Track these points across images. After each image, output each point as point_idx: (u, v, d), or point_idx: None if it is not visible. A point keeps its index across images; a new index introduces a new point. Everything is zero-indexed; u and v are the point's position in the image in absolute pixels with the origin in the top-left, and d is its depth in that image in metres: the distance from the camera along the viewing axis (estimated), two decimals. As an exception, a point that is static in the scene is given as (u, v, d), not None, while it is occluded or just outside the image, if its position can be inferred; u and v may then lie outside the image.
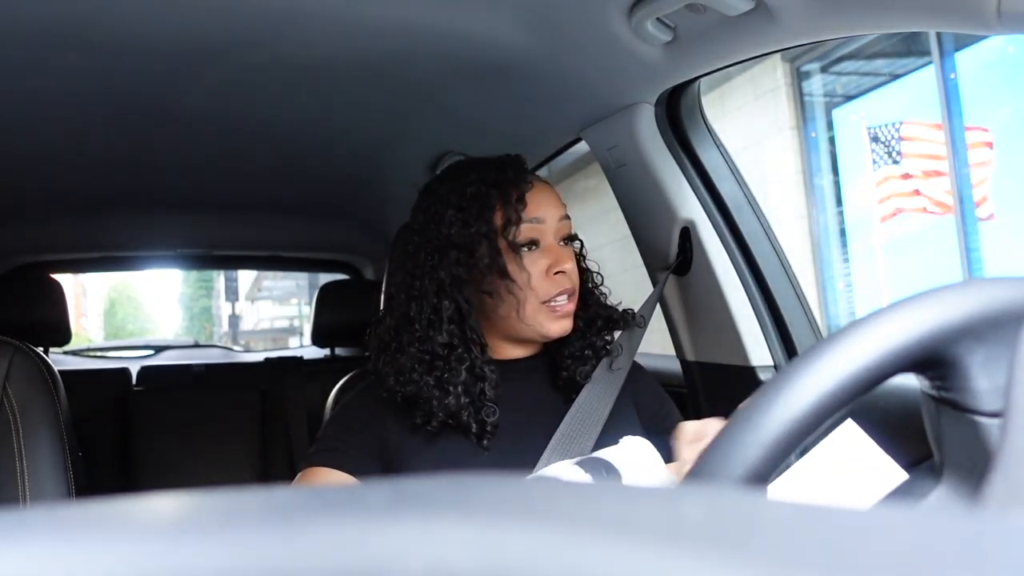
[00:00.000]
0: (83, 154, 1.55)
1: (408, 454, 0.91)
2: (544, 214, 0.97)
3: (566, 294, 0.96)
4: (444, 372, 0.89)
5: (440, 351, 0.90)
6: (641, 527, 0.17)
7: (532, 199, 0.96)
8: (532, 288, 0.94)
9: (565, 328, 0.97)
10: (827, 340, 0.37)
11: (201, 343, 5.08)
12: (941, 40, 4.14)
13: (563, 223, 0.99)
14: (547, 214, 0.97)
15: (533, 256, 0.96)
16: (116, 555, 0.16)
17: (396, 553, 0.16)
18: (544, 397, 1.00)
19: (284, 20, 1.01)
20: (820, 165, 5.13)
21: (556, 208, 0.98)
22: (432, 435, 0.90)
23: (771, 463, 0.35)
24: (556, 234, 0.98)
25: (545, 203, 0.98)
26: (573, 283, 0.97)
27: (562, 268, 0.96)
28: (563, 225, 0.99)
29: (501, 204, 0.94)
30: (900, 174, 4.57)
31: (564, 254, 0.97)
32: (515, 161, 1.00)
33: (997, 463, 0.33)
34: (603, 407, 0.95)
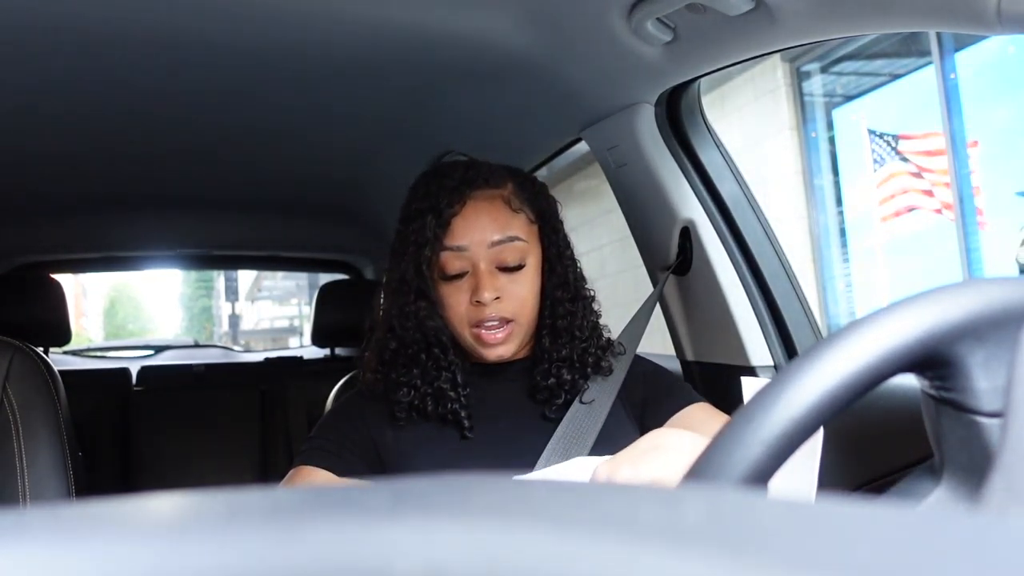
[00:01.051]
0: (83, 154, 1.55)
1: (392, 448, 0.93)
2: (467, 241, 0.91)
3: (494, 324, 0.91)
4: (403, 367, 0.93)
5: (395, 352, 0.94)
6: (641, 527, 0.17)
7: (457, 224, 0.91)
8: (455, 315, 0.93)
9: (501, 354, 0.93)
10: (827, 340, 0.37)
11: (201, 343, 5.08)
12: (941, 40, 4.14)
13: (496, 250, 0.91)
14: (471, 240, 0.91)
15: (458, 284, 0.92)
16: (116, 555, 0.16)
17: (396, 553, 0.16)
18: (519, 405, 0.96)
19: (284, 21, 1.01)
20: (820, 165, 5.13)
21: (485, 232, 0.91)
22: (413, 428, 0.92)
23: (771, 463, 0.35)
24: (488, 261, 0.91)
25: (472, 227, 0.91)
26: (502, 313, 0.91)
27: (479, 298, 0.90)
28: (495, 252, 0.91)
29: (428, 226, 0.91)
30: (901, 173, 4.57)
31: (486, 283, 0.90)
32: (465, 172, 0.94)
33: (997, 463, 0.33)
34: (595, 420, 0.92)
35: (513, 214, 0.94)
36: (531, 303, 0.94)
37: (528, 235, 0.95)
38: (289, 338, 17.48)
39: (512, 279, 0.93)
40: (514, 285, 0.92)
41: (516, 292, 0.92)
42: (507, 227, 0.92)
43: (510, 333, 0.92)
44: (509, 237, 0.92)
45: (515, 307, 0.92)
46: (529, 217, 0.96)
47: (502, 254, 0.92)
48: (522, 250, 0.93)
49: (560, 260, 0.97)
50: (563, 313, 0.95)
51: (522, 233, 0.93)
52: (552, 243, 0.98)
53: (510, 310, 0.92)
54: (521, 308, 0.93)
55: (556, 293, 0.96)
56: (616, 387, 0.96)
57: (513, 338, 0.93)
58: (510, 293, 0.92)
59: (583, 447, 0.90)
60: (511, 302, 0.92)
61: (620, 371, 0.99)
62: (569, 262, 0.98)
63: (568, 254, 0.99)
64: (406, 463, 0.91)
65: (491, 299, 0.90)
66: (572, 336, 0.95)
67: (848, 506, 0.19)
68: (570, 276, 0.97)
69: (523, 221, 0.94)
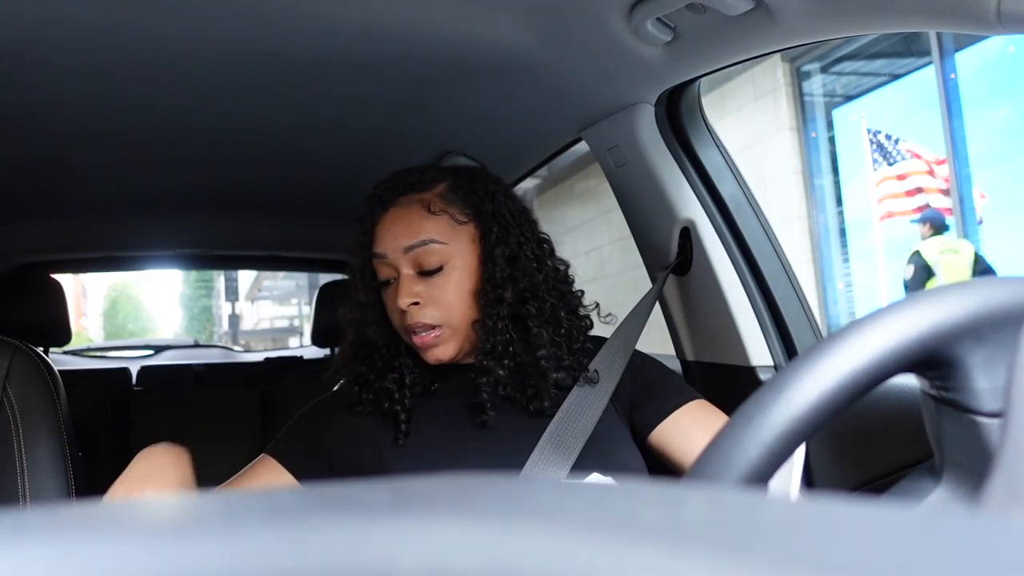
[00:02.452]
0: (83, 154, 1.55)
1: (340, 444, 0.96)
2: (384, 248, 0.92)
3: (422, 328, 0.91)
4: (359, 366, 0.97)
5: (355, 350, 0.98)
6: (641, 527, 0.17)
7: (379, 232, 0.93)
8: (393, 321, 0.95)
9: (438, 357, 0.93)
10: (827, 340, 0.37)
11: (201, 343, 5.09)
12: (941, 40, 4.14)
13: (411, 255, 0.91)
14: (387, 247, 0.92)
15: (390, 291, 0.94)
16: (116, 555, 0.16)
17: (396, 553, 0.16)
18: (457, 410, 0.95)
19: (283, 21, 1.01)
20: (820, 165, 5.13)
21: (398, 239, 0.91)
22: (368, 421, 0.95)
23: (771, 463, 0.35)
24: (409, 266, 0.92)
25: (389, 234, 0.92)
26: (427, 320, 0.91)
27: (398, 304, 0.91)
28: (412, 257, 0.91)
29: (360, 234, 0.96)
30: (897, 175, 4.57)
31: (404, 289, 0.90)
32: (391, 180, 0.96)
33: (997, 463, 0.33)
34: (588, 421, 0.91)
35: (430, 216, 0.92)
36: (459, 306, 0.92)
37: (451, 237, 0.92)
38: (289, 338, 17.48)
39: (433, 283, 0.92)
40: (435, 289, 0.92)
41: (437, 296, 0.91)
42: (420, 231, 0.91)
43: (438, 336, 0.92)
44: (422, 241, 0.91)
45: (439, 312, 0.91)
46: (456, 217, 0.93)
47: (419, 258, 0.91)
48: (439, 253, 0.91)
49: (492, 260, 0.93)
50: (484, 317, 0.92)
51: (440, 235, 0.92)
52: (487, 242, 0.93)
53: (433, 316, 0.91)
54: (447, 312, 0.92)
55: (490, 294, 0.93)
56: (611, 388, 0.94)
57: (445, 341, 0.93)
58: (430, 298, 0.91)
59: (575, 447, 0.89)
60: (433, 307, 0.91)
61: (614, 372, 0.97)
62: (535, 256, 0.94)
63: (531, 249, 0.94)
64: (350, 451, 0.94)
65: (407, 304, 0.91)
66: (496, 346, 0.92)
67: (848, 506, 0.19)
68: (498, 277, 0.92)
69: (444, 223, 0.92)
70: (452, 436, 0.93)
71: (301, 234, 2.44)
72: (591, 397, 0.93)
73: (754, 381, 1.16)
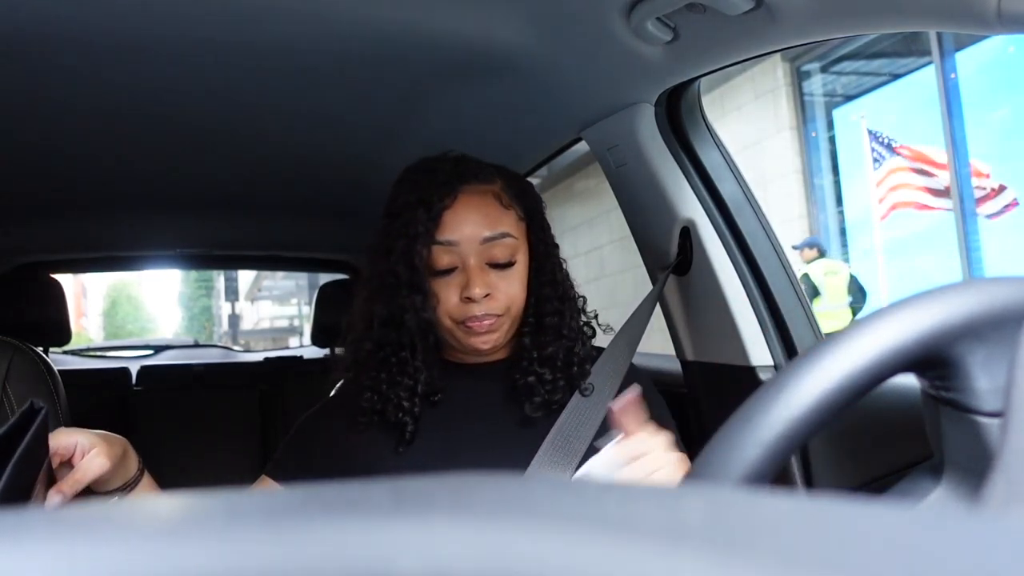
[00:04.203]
0: (83, 154, 1.55)
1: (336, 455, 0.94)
2: (459, 236, 0.90)
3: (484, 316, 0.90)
4: (371, 371, 0.93)
5: (369, 353, 0.93)
6: (641, 527, 0.17)
7: (449, 218, 0.89)
8: (445, 311, 0.92)
9: (489, 342, 0.92)
10: (827, 340, 0.37)
11: (201, 343, 5.09)
12: (941, 40, 4.14)
13: (487, 246, 0.90)
14: (463, 235, 0.90)
15: (447, 280, 0.91)
16: (116, 555, 0.16)
17: (396, 553, 0.16)
18: (494, 404, 0.96)
19: (283, 21, 1.01)
20: (820, 165, 5.13)
21: (477, 228, 0.90)
22: (369, 433, 0.93)
23: (771, 463, 0.35)
24: (479, 256, 0.91)
25: (463, 222, 0.90)
26: (492, 311, 0.90)
27: (469, 294, 0.89)
28: (486, 248, 0.90)
29: (419, 219, 0.89)
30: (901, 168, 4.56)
31: (477, 279, 0.89)
32: (455, 167, 0.93)
33: (997, 463, 0.33)
34: (590, 426, 0.91)
35: (504, 210, 0.93)
36: (520, 300, 0.94)
37: (518, 232, 0.94)
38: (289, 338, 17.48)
39: (502, 276, 0.92)
40: (504, 282, 0.92)
41: (506, 289, 0.92)
42: (498, 223, 0.91)
43: (499, 324, 0.92)
44: (501, 233, 0.91)
45: (504, 304, 0.92)
46: (518, 214, 0.95)
47: (493, 250, 0.91)
48: (512, 247, 0.92)
49: (548, 258, 0.96)
50: (551, 311, 0.95)
51: (512, 230, 0.93)
52: (540, 241, 0.97)
53: (500, 307, 0.91)
54: (511, 304, 0.92)
55: (543, 291, 0.95)
56: (613, 391, 0.95)
57: (501, 327, 0.92)
58: (500, 290, 0.91)
59: (577, 451, 0.89)
60: (501, 299, 0.91)
61: (616, 374, 0.97)
62: (556, 261, 0.98)
63: (555, 253, 0.98)
64: (346, 460, 0.93)
65: (481, 296, 0.89)
66: (559, 335, 0.94)
67: (848, 506, 0.19)
68: (558, 274, 0.96)
69: (513, 218, 0.94)
70: (452, 443, 0.93)
71: (301, 234, 2.44)
72: (591, 405, 0.93)
73: (754, 381, 1.16)
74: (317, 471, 0.94)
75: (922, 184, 4.40)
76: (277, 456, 0.98)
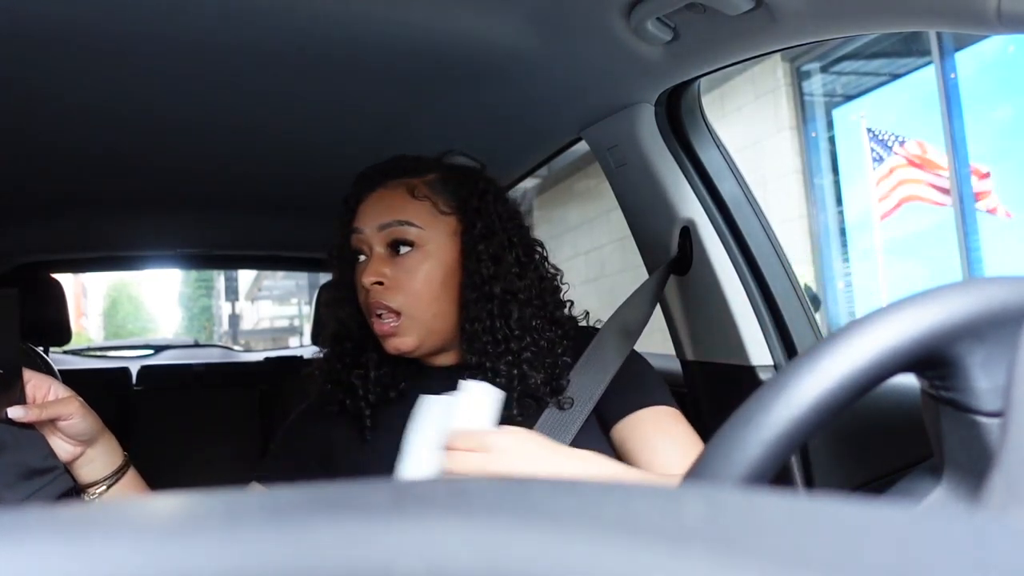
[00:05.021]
0: (83, 154, 1.55)
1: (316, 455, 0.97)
2: (362, 223, 0.92)
3: (383, 311, 0.89)
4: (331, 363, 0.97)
5: (330, 348, 0.99)
6: (641, 527, 0.17)
7: (362, 209, 0.94)
8: (360, 301, 0.94)
9: (397, 347, 0.90)
10: (827, 340, 0.37)
11: (201, 343, 5.09)
12: (941, 40, 4.14)
13: (384, 232, 0.91)
14: (365, 223, 0.92)
15: (360, 267, 0.93)
16: (116, 555, 0.16)
17: (396, 553, 0.16)
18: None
19: (283, 20, 1.01)
20: (820, 165, 5.13)
21: (378, 216, 0.91)
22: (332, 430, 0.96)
23: (771, 463, 0.35)
24: (381, 244, 0.91)
25: (370, 211, 0.92)
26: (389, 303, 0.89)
27: (362, 282, 0.90)
28: (385, 234, 0.91)
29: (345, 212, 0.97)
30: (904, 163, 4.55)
31: (372, 267, 0.89)
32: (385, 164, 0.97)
33: (997, 463, 0.33)
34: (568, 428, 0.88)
35: (412, 200, 0.92)
36: (425, 296, 0.90)
37: (428, 223, 0.92)
38: (289, 338, 17.47)
39: (401, 266, 0.90)
40: (403, 273, 0.90)
41: (403, 281, 0.90)
42: (400, 212, 0.91)
43: (399, 325, 0.90)
44: (397, 220, 0.91)
45: (402, 297, 0.90)
46: (439, 207, 0.93)
47: (392, 236, 0.91)
48: (413, 234, 0.91)
49: (471, 256, 0.91)
50: (473, 316, 0.90)
51: (417, 219, 0.91)
52: (469, 238, 0.92)
53: (396, 300, 0.89)
54: (411, 300, 0.90)
55: (466, 292, 0.91)
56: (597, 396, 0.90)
57: (405, 332, 0.90)
58: (396, 280, 0.90)
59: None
60: (397, 290, 0.89)
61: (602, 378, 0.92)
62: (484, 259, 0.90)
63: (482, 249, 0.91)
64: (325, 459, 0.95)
65: (371, 282, 0.90)
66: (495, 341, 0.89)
67: (848, 506, 0.19)
68: (481, 274, 0.90)
69: (425, 209, 0.92)
70: None
71: (301, 234, 2.44)
72: (564, 419, 0.89)
73: (754, 381, 1.16)
74: (303, 471, 0.95)
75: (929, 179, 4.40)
76: (265, 461, 1.00)
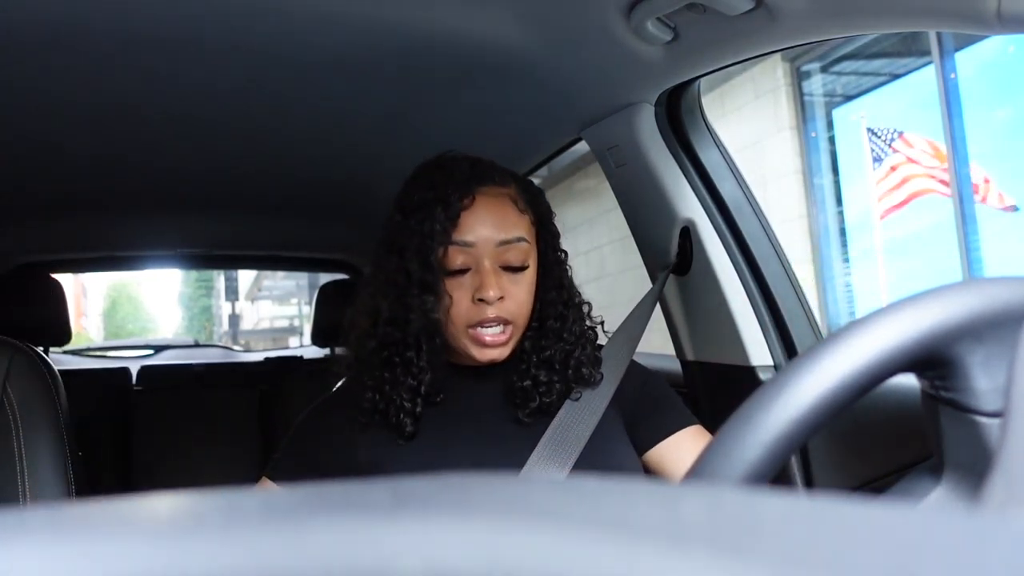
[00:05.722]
0: (83, 154, 1.55)
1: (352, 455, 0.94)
2: (475, 237, 0.89)
3: (494, 323, 0.90)
4: (375, 371, 0.92)
5: (373, 352, 0.92)
6: (641, 527, 0.17)
7: (466, 219, 0.89)
8: (456, 313, 0.90)
9: (495, 356, 0.91)
10: (827, 340, 0.37)
11: (201, 343, 5.09)
12: (941, 40, 4.14)
13: (502, 249, 0.90)
14: (480, 237, 0.89)
15: (460, 280, 0.90)
16: (116, 555, 0.16)
17: (396, 553, 0.16)
18: (492, 405, 0.96)
19: (283, 21, 1.01)
20: (820, 165, 5.13)
21: (494, 230, 0.90)
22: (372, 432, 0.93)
23: (771, 463, 0.35)
24: (493, 259, 0.90)
25: (481, 224, 0.89)
26: (503, 314, 0.90)
27: (483, 296, 0.88)
28: (501, 251, 0.90)
29: (436, 218, 0.88)
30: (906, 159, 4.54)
31: (491, 281, 0.88)
32: (473, 168, 0.93)
33: (997, 463, 0.33)
34: (586, 425, 0.92)
35: (519, 214, 0.93)
36: (528, 306, 0.94)
37: (531, 237, 0.94)
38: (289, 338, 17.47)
39: (514, 280, 0.91)
40: (516, 286, 0.91)
41: (517, 293, 0.91)
42: (514, 227, 0.91)
43: (509, 336, 0.92)
44: (516, 237, 0.91)
45: (515, 308, 0.91)
46: (531, 219, 0.95)
47: (507, 254, 0.90)
48: (526, 252, 0.92)
49: (556, 264, 0.98)
50: (555, 315, 0.96)
51: (526, 235, 0.93)
52: (549, 247, 0.98)
53: (510, 311, 0.91)
54: (520, 310, 0.92)
55: (549, 295, 0.96)
56: (610, 391, 0.96)
57: (511, 341, 0.92)
58: (512, 294, 0.91)
59: (573, 450, 0.90)
60: (512, 303, 0.91)
61: (614, 374, 0.98)
62: (563, 266, 0.99)
63: (563, 258, 0.99)
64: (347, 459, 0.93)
65: (495, 298, 0.89)
66: (559, 338, 0.95)
67: (848, 506, 0.19)
68: (565, 280, 0.98)
69: (527, 223, 0.94)
70: (449, 443, 0.93)
71: (301, 234, 2.44)
72: (588, 403, 0.94)
73: (754, 381, 1.16)
74: (317, 469, 0.94)
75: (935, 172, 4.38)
76: (276, 457, 0.99)
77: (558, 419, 0.92)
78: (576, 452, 0.89)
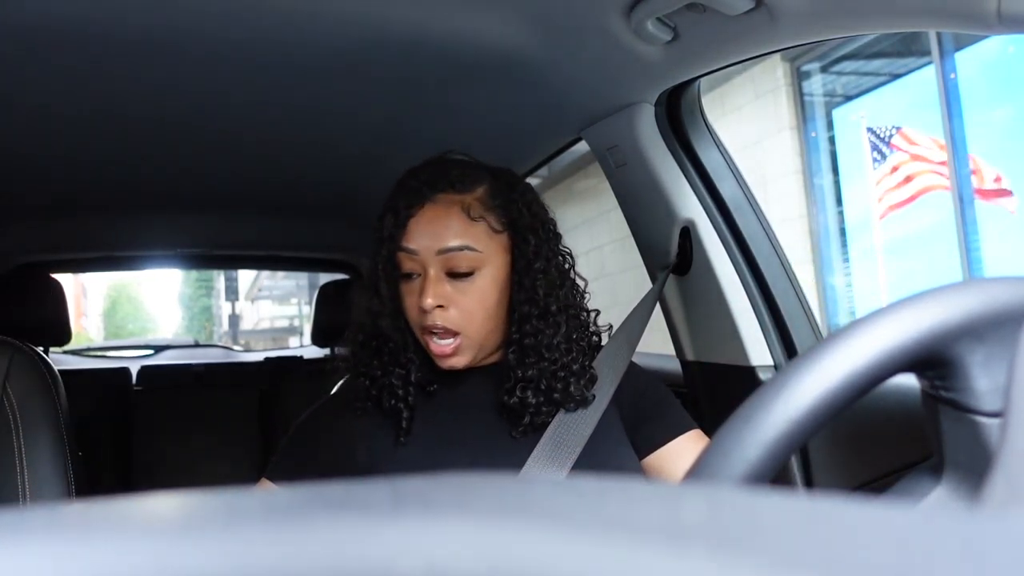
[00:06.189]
0: (83, 154, 1.55)
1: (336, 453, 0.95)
2: (418, 245, 0.90)
3: (442, 333, 0.90)
4: (366, 359, 0.95)
5: (362, 344, 0.96)
6: (641, 527, 0.17)
7: (413, 226, 0.90)
8: (409, 317, 0.92)
9: (453, 365, 0.91)
10: (827, 340, 0.37)
11: (201, 343, 5.09)
12: (941, 40, 4.14)
13: (444, 257, 0.89)
14: (421, 245, 0.89)
15: (411, 285, 0.91)
16: (116, 555, 0.16)
17: (396, 553, 0.16)
18: (486, 407, 0.95)
19: (283, 21, 1.01)
20: (820, 165, 5.13)
21: (433, 239, 0.89)
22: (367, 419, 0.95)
23: (771, 463, 0.35)
24: (438, 267, 0.90)
25: (424, 232, 0.89)
26: (447, 324, 0.89)
27: (421, 304, 0.88)
28: (445, 259, 0.89)
29: (387, 225, 0.91)
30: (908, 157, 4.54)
31: (431, 289, 0.88)
32: (433, 174, 0.93)
33: (997, 463, 0.33)
34: (586, 425, 0.91)
35: (470, 222, 0.90)
36: (480, 316, 0.91)
37: (486, 245, 0.91)
38: (289, 338, 17.47)
39: (460, 289, 0.90)
40: (461, 295, 0.90)
41: (462, 303, 0.90)
42: (460, 235, 0.89)
43: (458, 346, 0.90)
44: (459, 246, 0.89)
45: (460, 319, 0.90)
46: (492, 226, 0.92)
47: (451, 261, 0.89)
48: (473, 260, 0.90)
49: (528, 273, 0.92)
50: (530, 331, 0.91)
51: (477, 243, 0.90)
52: (523, 254, 0.93)
53: (455, 321, 0.89)
54: (467, 321, 0.90)
55: (523, 308, 0.92)
56: (610, 392, 0.95)
57: (462, 351, 0.91)
58: (456, 303, 0.90)
59: (573, 450, 0.89)
60: (456, 313, 0.89)
61: (614, 375, 0.97)
62: (540, 275, 0.92)
63: (538, 267, 0.92)
64: (346, 456, 0.94)
65: (432, 306, 0.88)
66: (540, 356, 0.91)
67: (848, 506, 0.19)
68: (539, 290, 0.91)
69: (482, 230, 0.91)
70: (450, 439, 0.93)
71: (301, 234, 2.44)
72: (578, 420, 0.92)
73: (754, 381, 1.16)
74: (316, 470, 0.95)
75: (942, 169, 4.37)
76: (275, 458, 0.99)
77: (556, 421, 0.92)
78: (575, 452, 0.89)
